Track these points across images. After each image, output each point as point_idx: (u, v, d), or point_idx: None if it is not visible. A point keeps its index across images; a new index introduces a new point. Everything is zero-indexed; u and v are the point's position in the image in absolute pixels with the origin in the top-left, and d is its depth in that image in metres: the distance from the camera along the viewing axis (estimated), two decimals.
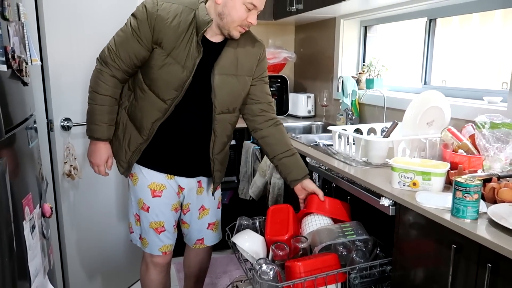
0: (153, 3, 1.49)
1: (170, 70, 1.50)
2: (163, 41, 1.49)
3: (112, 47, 1.55)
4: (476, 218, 1.11)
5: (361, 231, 1.56)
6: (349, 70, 2.82)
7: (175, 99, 1.54)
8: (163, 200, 1.68)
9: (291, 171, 1.70)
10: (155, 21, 1.47)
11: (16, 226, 1.12)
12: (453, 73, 2.18)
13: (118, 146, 1.66)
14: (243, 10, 1.47)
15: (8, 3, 1.24)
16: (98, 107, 1.58)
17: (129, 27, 1.52)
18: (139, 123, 1.59)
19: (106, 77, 1.56)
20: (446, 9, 2.07)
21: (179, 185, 1.71)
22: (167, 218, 1.71)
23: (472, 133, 1.55)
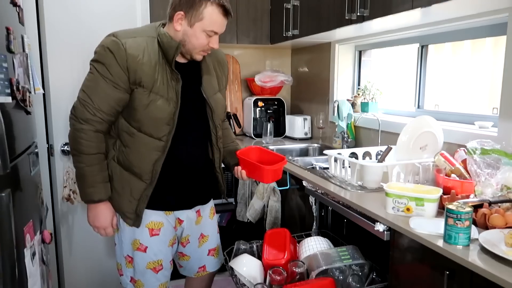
0: (116, 43, 1.39)
1: (157, 106, 1.43)
2: (142, 80, 1.41)
3: (87, 100, 1.41)
4: (468, 244, 1.13)
5: (357, 256, 1.58)
6: (345, 93, 2.87)
7: (170, 133, 1.48)
8: (161, 238, 1.60)
9: (232, 157, 1.72)
10: (127, 62, 1.39)
11: (17, 253, 1.14)
12: (445, 98, 2.23)
13: (119, 199, 1.52)
14: (204, 37, 1.44)
15: (13, 36, 1.29)
16: (88, 168, 1.44)
17: (97, 75, 1.40)
18: (138, 168, 1.49)
19: (90, 134, 1.42)
20: (437, 36, 2.14)
21: (178, 218, 1.65)
22: (165, 256, 1.63)
23: (464, 158, 1.58)
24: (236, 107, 3.31)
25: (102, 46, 1.41)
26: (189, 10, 1.40)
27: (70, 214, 2.19)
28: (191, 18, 1.41)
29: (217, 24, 1.43)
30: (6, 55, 1.22)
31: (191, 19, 1.41)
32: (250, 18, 2.97)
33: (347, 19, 2.05)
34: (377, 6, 1.84)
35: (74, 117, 1.43)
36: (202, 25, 1.42)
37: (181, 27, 1.43)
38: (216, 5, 1.40)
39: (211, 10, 1.40)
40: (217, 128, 1.62)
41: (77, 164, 1.45)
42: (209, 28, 1.42)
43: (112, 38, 1.40)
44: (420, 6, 1.59)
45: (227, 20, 1.47)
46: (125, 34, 1.43)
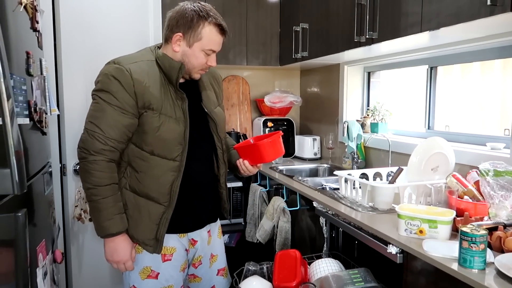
0: (120, 69, 1.39)
1: (169, 127, 1.44)
2: (151, 102, 1.41)
3: (96, 130, 1.38)
4: (484, 268, 1.12)
5: (369, 278, 1.56)
6: (354, 113, 2.88)
7: (183, 153, 1.48)
8: (173, 263, 1.56)
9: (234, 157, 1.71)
10: (134, 87, 1.39)
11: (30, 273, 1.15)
12: (456, 118, 2.23)
13: (137, 227, 1.48)
14: (203, 56, 1.47)
15: (33, 60, 1.33)
16: (104, 200, 1.40)
17: (104, 104, 1.39)
18: (155, 192, 1.47)
19: (103, 165, 1.38)
20: (446, 58, 2.15)
21: (192, 238, 1.62)
22: (176, 281, 1.58)
23: (477, 179, 1.57)
24: (245, 127, 3.34)
25: (105, 75, 1.40)
26: (187, 30, 1.43)
27: (80, 234, 2.20)
28: (189, 38, 1.44)
29: (215, 42, 1.47)
30: (25, 78, 1.26)
31: (189, 40, 1.44)
32: (259, 41, 3.03)
33: (356, 42, 2.08)
34: (386, 29, 1.87)
35: (84, 150, 1.39)
36: (201, 45, 1.45)
37: (180, 48, 1.46)
38: (213, 24, 1.44)
39: (209, 30, 1.44)
40: (222, 142, 1.63)
41: (91, 198, 1.40)
42: (208, 47, 1.46)
43: (115, 66, 1.40)
44: (428, 29, 1.61)
45: (224, 38, 1.50)
46: (126, 60, 1.43)
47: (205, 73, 1.59)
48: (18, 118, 1.14)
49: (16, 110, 1.13)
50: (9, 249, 1.01)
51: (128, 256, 1.47)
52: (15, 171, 0.97)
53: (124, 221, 1.45)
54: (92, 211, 1.43)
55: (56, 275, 1.56)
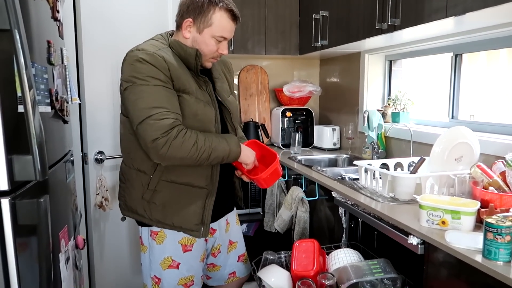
0: (150, 55, 1.34)
1: (206, 111, 1.44)
2: (186, 87, 1.39)
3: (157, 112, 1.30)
4: (509, 260, 1.08)
5: (389, 269, 1.54)
6: (375, 103, 2.83)
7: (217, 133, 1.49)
8: (193, 254, 1.57)
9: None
10: (169, 71, 1.35)
11: (52, 258, 1.17)
12: (481, 108, 2.16)
13: (181, 216, 1.47)
14: (213, 44, 1.43)
15: (54, 49, 1.34)
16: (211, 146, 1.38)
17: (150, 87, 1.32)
18: (195, 177, 1.46)
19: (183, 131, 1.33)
20: (471, 45, 2.08)
21: (210, 228, 1.61)
22: (196, 271, 1.61)
23: (503, 170, 1.52)
24: (264, 117, 3.32)
25: (137, 61, 1.33)
26: (198, 16, 1.39)
27: (102, 221, 2.24)
28: (200, 24, 1.40)
29: (226, 29, 1.42)
30: (46, 67, 1.28)
31: (200, 26, 1.40)
32: (278, 29, 3.00)
33: (377, 29, 2.03)
34: (409, 15, 1.81)
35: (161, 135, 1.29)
36: (211, 31, 1.41)
37: (190, 34, 1.42)
38: (225, 10, 1.40)
39: (219, 15, 1.39)
40: (235, 131, 1.62)
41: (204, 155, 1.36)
42: (218, 33, 1.42)
43: (143, 52, 1.35)
44: (454, 14, 1.55)
45: (235, 25, 1.45)
46: (150, 47, 1.38)
47: (217, 61, 1.56)
48: (40, 106, 1.16)
49: (38, 98, 1.15)
50: (32, 234, 1.04)
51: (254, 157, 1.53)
52: (37, 158, 0.99)
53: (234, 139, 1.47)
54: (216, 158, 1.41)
55: (78, 260, 1.60)
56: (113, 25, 2.16)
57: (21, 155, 1.00)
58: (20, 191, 1.03)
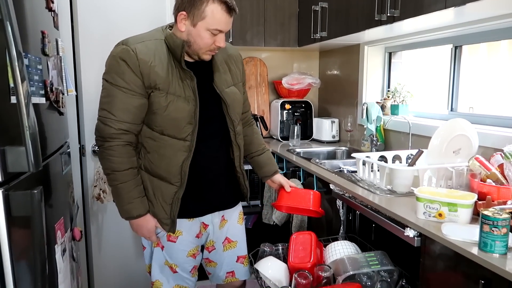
0: (126, 50, 1.37)
1: (177, 107, 1.41)
2: (156, 82, 1.39)
3: (108, 116, 1.38)
4: (505, 252, 1.08)
5: (386, 261, 1.54)
6: (374, 95, 2.82)
7: (193, 132, 1.46)
8: (178, 246, 1.58)
9: (261, 168, 1.76)
10: (139, 67, 1.36)
11: (48, 250, 1.17)
12: (480, 100, 2.15)
13: (153, 207, 1.50)
14: (208, 37, 1.39)
15: (48, 40, 1.33)
16: (123, 185, 1.42)
17: (112, 88, 1.38)
18: (166, 172, 1.47)
19: (118, 150, 1.39)
20: (472, 37, 2.06)
21: (203, 222, 1.62)
22: (180, 263, 1.60)
23: (501, 162, 1.51)
24: (263, 110, 3.31)
25: (113, 57, 1.39)
26: (191, 9, 1.36)
27: (100, 213, 2.24)
28: (193, 17, 1.37)
29: (220, 22, 1.38)
30: (41, 58, 1.27)
31: (193, 19, 1.37)
32: (278, 21, 2.97)
33: (376, 20, 2.01)
34: (408, 6, 1.79)
35: (99, 137, 1.41)
36: (205, 24, 1.37)
37: (185, 27, 1.40)
38: (218, 2, 1.36)
39: (213, 7, 1.35)
40: (234, 123, 1.56)
41: (112, 183, 1.43)
42: (213, 26, 1.38)
43: (122, 47, 1.39)
44: (453, 5, 1.53)
45: (231, 17, 1.41)
46: (134, 40, 1.41)
47: (220, 52, 1.53)
48: (34, 97, 1.15)
49: (32, 90, 1.14)
50: (26, 225, 1.04)
51: (151, 233, 1.52)
52: (30, 149, 0.98)
53: (144, 203, 1.47)
54: (114, 195, 1.47)
55: (75, 252, 1.60)
56: (110, 16, 2.15)
57: (14, 147, 1.00)
58: (14, 182, 1.02)
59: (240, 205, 1.75)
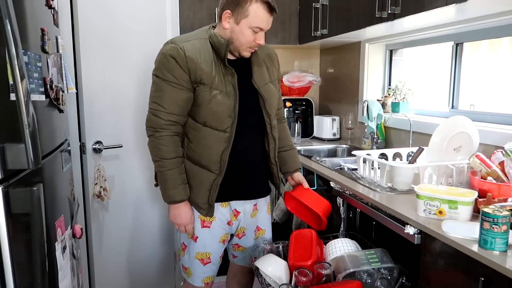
0: (175, 48, 1.51)
1: (219, 101, 1.54)
2: (202, 78, 1.52)
3: (158, 109, 1.54)
4: (505, 250, 1.08)
5: (386, 259, 1.54)
6: (375, 93, 2.81)
7: (233, 125, 1.57)
8: (212, 232, 1.69)
9: (285, 163, 1.84)
10: (187, 64, 1.50)
11: (48, 247, 1.17)
12: (481, 98, 2.14)
13: (192, 192, 1.63)
14: (250, 34, 1.52)
15: (48, 37, 1.33)
16: (169, 172, 1.56)
17: (162, 83, 1.52)
18: (206, 160, 1.59)
19: (167, 139, 1.55)
20: (473, 34, 2.05)
21: (235, 209, 1.72)
22: (214, 250, 1.72)
23: (502, 160, 1.51)
24: None
25: (163, 54, 1.52)
26: (236, 8, 1.49)
27: (100, 211, 2.24)
28: (237, 15, 1.49)
29: (262, 20, 1.50)
30: (40, 55, 1.26)
31: (237, 17, 1.50)
32: (278, 19, 2.96)
33: (377, 17, 2.00)
34: (409, 3, 1.78)
35: (150, 127, 1.56)
36: (248, 22, 1.49)
37: (229, 25, 1.52)
38: (261, 2, 1.48)
39: (256, 7, 1.48)
40: (271, 117, 1.67)
41: (159, 169, 1.58)
42: (254, 24, 1.49)
43: (171, 45, 1.53)
44: (455, 2, 1.53)
45: (272, 17, 1.53)
46: (181, 39, 1.56)
47: (257, 50, 1.64)
48: (33, 94, 1.15)
49: (31, 87, 1.14)
50: (26, 223, 1.04)
51: (189, 220, 1.64)
52: (30, 146, 0.98)
53: (186, 190, 1.61)
54: (160, 181, 1.61)
55: (75, 249, 1.61)
56: (111, 13, 2.14)
57: (14, 144, 1.00)
58: (14, 179, 1.02)
59: (269, 196, 1.86)
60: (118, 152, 2.26)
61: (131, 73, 2.24)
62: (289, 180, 1.87)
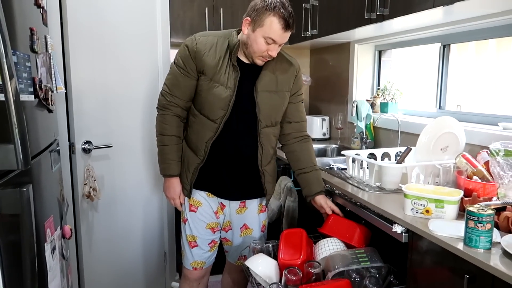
0: (192, 40, 1.68)
1: (215, 92, 1.64)
2: (204, 69, 1.65)
3: (166, 90, 1.73)
4: (490, 248, 1.10)
5: (375, 258, 1.56)
6: (364, 93, 2.84)
7: (223, 117, 1.67)
8: (198, 216, 1.81)
9: (305, 186, 1.84)
10: (194, 54, 1.65)
11: (37, 248, 1.17)
12: (468, 98, 2.18)
13: (182, 172, 1.79)
14: (263, 43, 1.57)
15: (37, 36, 1.32)
16: (167, 147, 1.74)
17: (175, 69, 1.70)
18: (195, 145, 1.74)
19: (168, 118, 1.73)
20: (460, 35, 2.09)
21: (221, 202, 1.82)
22: (200, 234, 1.82)
23: (487, 160, 1.54)
24: None
25: (183, 43, 1.70)
26: (255, 17, 1.56)
27: (90, 211, 2.23)
28: (254, 24, 1.57)
29: (275, 33, 1.55)
30: (29, 55, 1.25)
31: (254, 25, 1.57)
32: None
33: (366, 19, 2.02)
34: (398, 5, 1.81)
35: (158, 106, 1.77)
36: (262, 32, 1.56)
37: (247, 31, 1.61)
38: (278, 16, 1.53)
39: (272, 19, 1.54)
40: (261, 123, 1.72)
41: (158, 143, 1.77)
42: (267, 35, 1.55)
43: (191, 37, 1.70)
44: (442, 4, 1.56)
45: (286, 33, 1.58)
46: (202, 34, 1.72)
47: (278, 60, 1.71)
48: (22, 95, 1.14)
49: (20, 87, 1.13)
50: (15, 223, 1.03)
51: (176, 195, 1.80)
52: (19, 147, 0.98)
53: (178, 167, 1.78)
54: (158, 154, 1.79)
55: (65, 250, 1.59)
56: (100, 12, 2.13)
57: (3, 144, 0.99)
58: (3, 180, 1.02)
59: (262, 198, 1.90)
60: (108, 152, 2.25)
61: (121, 72, 2.23)
62: (313, 204, 1.85)
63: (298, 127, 1.85)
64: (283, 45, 1.65)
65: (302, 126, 1.87)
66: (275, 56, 1.63)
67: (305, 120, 1.89)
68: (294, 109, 1.82)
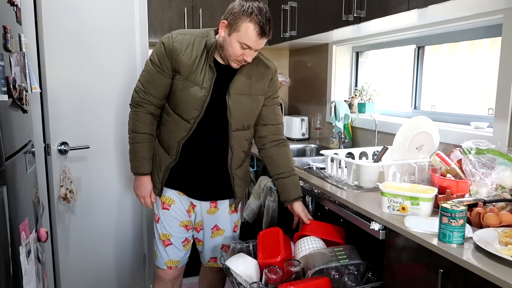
0: (168, 38, 1.65)
1: (190, 92, 1.63)
2: (179, 68, 1.63)
3: (140, 87, 1.70)
4: (462, 243, 1.14)
5: (354, 255, 1.58)
6: (342, 94, 2.88)
7: (197, 118, 1.65)
8: (171, 213, 1.80)
9: (283, 191, 1.81)
10: (170, 52, 1.62)
11: (12, 251, 1.14)
12: (442, 99, 2.24)
13: (153, 171, 1.78)
14: (238, 48, 1.56)
15: (10, 35, 1.29)
16: (139, 145, 1.72)
17: (150, 66, 1.67)
18: (167, 144, 1.72)
19: (141, 116, 1.70)
20: (434, 38, 2.15)
21: (191, 202, 1.82)
22: (173, 232, 1.81)
23: (460, 158, 1.59)
24: None
25: (159, 41, 1.67)
26: (232, 20, 1.55)
27: (66, 213, 2.19)
28: (231, 28, 1.55)
29: (250, 39, 1.53)
30: (2, 54, 1.23)
31: (230, 29, 1.55)
32: None
33: (344, 20, 2.06)
34: (374, 7, 1.85)
35: (131, 103, 1.73)
36: (237, 36, 1.54)
37: (223, 34, 1.58)
38: (254, 23, 1.52)
39: (248, 25, 1.52)
40: (232, 126, 1.70)
41: (130, 141, 1.74)
42: (243, 41, 1.54)
43: (168, 34, 1.67)
44: (416, 7, 1.60)
45: (261, 40, 1.56)
46: (179, 32, 1.68)
47: (254, 64, 1.70)
48: None
49: None
50: None
51: (147, 194, 1.78)
52: None
53: (150, 166, 1.76)
54: (130, 152, 1.76)
55: (40, 253, 1.56)
56: (77, 11, 2.09)
57: None
58: None
59: (233, 199, 1.88)
60: (84, 153, 2.21)
61: (98, 72, 2.19)
62: (290, 210, 1.82)
63: (274, 130, 1.82)
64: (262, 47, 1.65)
65: (279, 130, 1.83)
66: (250, 61, 1.61)
67: (281, 123, 1.85)
68: (270, 111, 1.79)
